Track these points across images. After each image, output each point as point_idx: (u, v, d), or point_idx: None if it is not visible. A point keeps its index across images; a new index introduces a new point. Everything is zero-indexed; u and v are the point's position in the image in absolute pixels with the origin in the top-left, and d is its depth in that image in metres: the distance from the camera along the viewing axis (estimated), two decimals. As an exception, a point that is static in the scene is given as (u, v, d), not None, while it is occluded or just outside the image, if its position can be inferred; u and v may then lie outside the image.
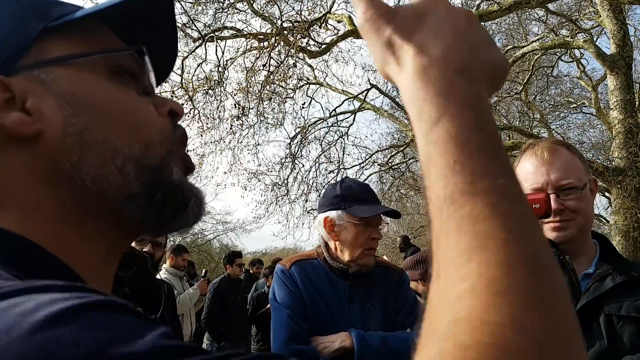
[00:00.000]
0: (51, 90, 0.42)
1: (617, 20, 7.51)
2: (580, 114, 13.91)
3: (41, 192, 0.41)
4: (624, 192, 6.91)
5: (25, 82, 0.42)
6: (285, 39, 7.42)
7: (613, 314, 1.06)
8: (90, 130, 0.42)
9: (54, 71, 0.43)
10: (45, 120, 0.41)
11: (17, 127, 0.41)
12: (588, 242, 1.19)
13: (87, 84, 0.44)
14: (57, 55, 0.44)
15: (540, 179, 1.14)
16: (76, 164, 0.41)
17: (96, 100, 0.43)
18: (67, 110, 0.42)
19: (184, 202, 0.44)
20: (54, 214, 0.41)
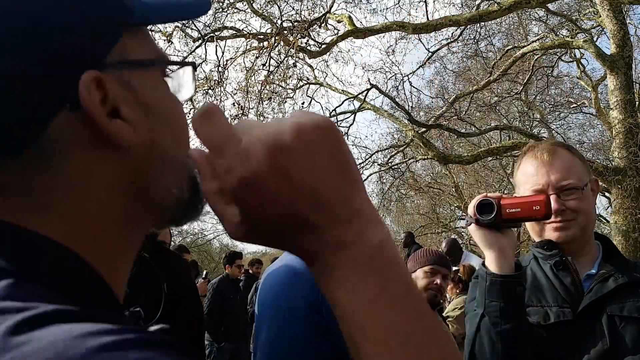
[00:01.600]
0: (139, 98, 0.39)
1: (617, 20, 7.51)
2: (580, 114, 13.93)
3: (110, 203, 0.38)
4: (624, 192, 6.91)
5: (115, 84, 0.38)
6: (285, 38, 7.42)
7: (615, 314, 1.06)
8: (169, 144, 0.41)
9: (139, 76, 0.40)
10: (138, 133, 0.39)
11: (119, 136, 0.37)
12: (590, 242, 1.19)
13: (162, 93, 0.42)
14: (142, 58, 0.41)
15: (541, 180, 1.14)
16: (156, 178, 0.40)
17: (170, 111, 0.42)
18: (153, 122, 0.40)
19: (201, 202, 0.45)
20: (111, 225, 0.39)
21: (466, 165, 10.32)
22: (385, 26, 7.95)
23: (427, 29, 7.79)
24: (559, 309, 1.09)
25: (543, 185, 1.14)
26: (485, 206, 1.04)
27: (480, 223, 1.05)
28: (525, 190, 1.17)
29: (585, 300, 1.08)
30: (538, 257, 1.20)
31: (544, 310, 1.10)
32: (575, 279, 1.13)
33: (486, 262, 1.05)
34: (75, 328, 0.27)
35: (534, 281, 1.16)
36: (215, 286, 5.04)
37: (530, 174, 1.17)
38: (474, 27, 9.91)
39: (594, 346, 1.04)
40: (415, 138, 8.63)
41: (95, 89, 0.36)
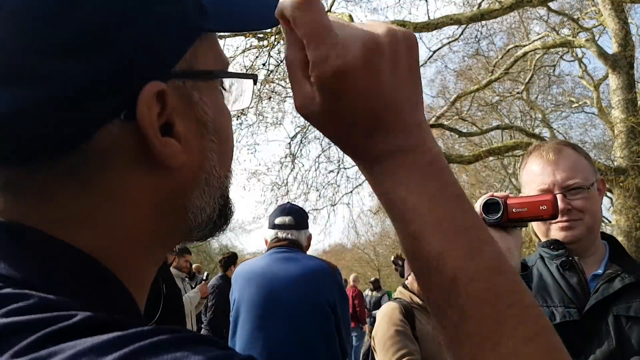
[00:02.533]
0: (197, 114, 0.36)
1: (619, 20, 7.49)
2: (582, 113, 13.93)
3: (144, 220, 0.36)
4: (626, 192, 6.89)
5: (176, 97, 0.34)
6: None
7: (622, 314, 1.05)
8: (221, 164, 0.38)
9: (201, 88, 0.36)
10: (189, 152, 0.35)
11: (169, 157, 0.34)
12: (597, 242, 1.19)
13: (221, 109, 0.38)
14: (207, 69, 0.37)
15: (547, 180, 1.14)
16: (195, 199, 0.37)
17: (225, 128, 0.38)
18: (207, 141, 0.36)
19: (228, 217, 0.42)
20: (142, 242, 0.36)
21: (467, 165, 10.31)
22: (386, 25, 7.93)
23: (428, 28, 7.77)
24: (565, 309, 1.08)
25: (549, 185, 1.13)
26: (491, 205, 1.03)
27: (487, 222, 1.03)
28: (531, 190, 1.17)
29: (591, 300, 1.08)
30: (544, 256, 1.19)
31: (550, 310, 1.09)
32: (582, 278, 1.12)
33: None
34: (105, 336, 0.25)
35: (540, 281, 1.15)
36: (217, 285, 5.03)
37: (536, 173, 1.17)
38: (475, 26, 9.91)
39: (600, 346, 1.03)
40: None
41: (155, 103, 0.33)
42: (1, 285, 0.30)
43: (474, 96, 10.66)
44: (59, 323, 0.26)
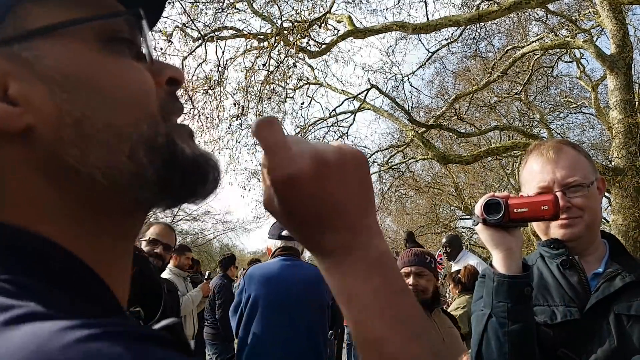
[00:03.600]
0: (38, 72, 0.35)
1: (617, 21, 7.51)
2: (580, 114, 13.95)
3: (46, 191, 0.35)
4: (624, 192, 6.91)
5: (4, 62, 0.35)
6: (285, 38, 7.42)
7: (623, 313, 1.05)
8: (90, 115, 0.35)
9: (39, 46, 0.35)
10: (35, 111, 0.34)
11: (1, 122, 0.34)
12: (597, 241, 1.19)
13: (80, 59, 0.36)
14: (42, 25, 0.36)
15: (547, 177, 1.14)
16: (79, 158, 0.35)
17: (92, 78, 0.36)
18: (60, 95, 0.35)
19: (204, 177, 0.40)
20: (64, 214, 0.36)
21: (466, 165, 10.33)
22: (385, 26, 7.94)
23: (427, 29, 7.78)
24: (566, 308, 1.09)
25: (549, 182, 1.14)
26: (492, 206, 1.03)
27: (488, 223, 1.04)
28: (531, 188, 1.17)
29: (592, 299, 1.08)
30: (544, 255, 1.19)
31: (551, 310, 1.10)
32: (582, 277, 1.12)
33: (493, 262, 1.05)
34: (54, 324, 0.25)
35: (540, 280, 1.15)
36: (221, 284, 5.05)
37: (536, 172, 1.17)
38: (474, 27, 9.92)
39: (601, 345, 1.04)
40: (415, 138, 8.62)
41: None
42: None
43: (472, 97, 10.67)
44: (9, 312, 0.26)
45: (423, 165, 15.53)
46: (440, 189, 15.71)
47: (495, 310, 1.01)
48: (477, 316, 1.07)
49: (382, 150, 12.05)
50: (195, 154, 0.40)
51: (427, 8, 9.18)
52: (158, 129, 0.38)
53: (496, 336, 1.00)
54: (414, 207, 17.85)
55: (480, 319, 1.04)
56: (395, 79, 11.32)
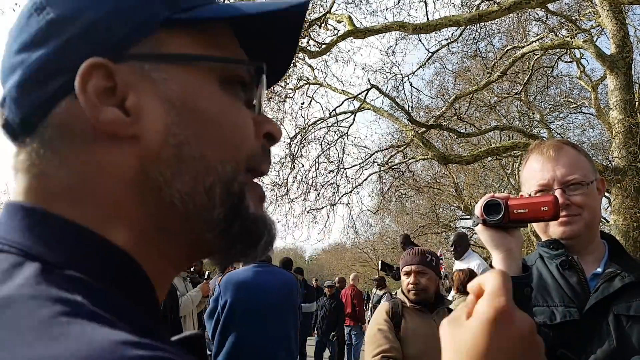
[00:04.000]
0: (160, 92, 0.38)
1: (617, 21, 7.51)
2: (580, 114, 13.95)
3: (126, 199, 0.37)
4: (624, 192, 6.91)
5: (132, 75, 0.37)
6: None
7: (622, 314, 1.06)
8: (191, 143, 0.38)
9: (167, 70, 0.38)
10: (145, 124, 0.37)
11: (110, 125, 0.36)
12: (596, 241, 1.19)
13: (200, 91, 0.39)
14: (176, 52, 0.39)
15: (547, 175, 1.15)
16: (169, 179, 0.37)
17: (205, 110, 0.39)
18: (173, 117, 0.38)
19: (258, 238, 0.41)
20: (138, 225, 0.37)
21: (466, 165, 10.33)
22: (386, 26, 7.94)
23: (427, 29, 7.78)
24: (565, 309, 1.09)
25: (549, 180, 1.14)
26: (492, 206, 1.03)
27: (488, 224, 1.05)
28: (531, 186, 1.18)
29: (591, 300, 1.08)
30: (544, 256, 1.19)
31: (550, 310, 1.10)
32: (582, 278, 1.12)
33: (493, 263, 1.05)
34: (113, 333, 0.27)
35: (539, 280, 1.16)
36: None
37: (536, 170, 1.18)
38: (474, 27, 9.92)
39: (601, 346, 1.04)
40: (415, 138, 8.63)
41: (100, 78, 0.36)
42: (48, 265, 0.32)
43: (472, 97, 10.67)
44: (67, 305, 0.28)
45: (423, 165, 15.53)
46: (440, 189, 15.71)
47: None
48: None
49: (382, 150, 12.05)
50: (258, 214, 0.42)
51: (427, 8, 9.18)
52: (238, 175, 0.40)
53: None
54: (414, 207, 17.85)
55: None
56: (395, 79, 11.28)
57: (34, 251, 0.33)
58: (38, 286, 0.29)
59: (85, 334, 0.26)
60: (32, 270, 0.31)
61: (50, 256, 0.33)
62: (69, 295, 0.29)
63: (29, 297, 0.28)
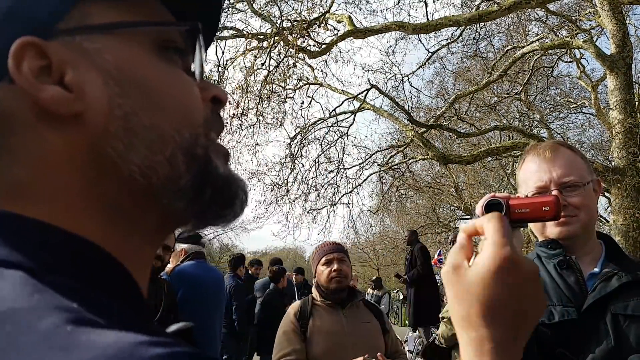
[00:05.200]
0: (95, 63, 0.36)
1: (617, 20, 7.51)
2: (580, 114, 13.94)
3: (82, 182, 0.35)
4: (624, 192, 6.91)
5: (65, 50, 0.36)
6: (284, 38, 7.42)
7: (619, 313, 1.06)
8: (138, 113, 0.36)
9: (99, 40, 0.37)
10: (88, 100, 0.35)
11: (53, 104, 0.34)
12: (592, 241, 1.20)
13: (136, 59, 0.38)
14: (105, 22, 0.38)
15: (544, 177, 1.16)
16: (122, 152, 0.36)
17: (145, 78, 0.38)
18: (113, 88, 0.36)
19: (231, 198, 0.40)
20: (98, 208, 0.36)
21: (466, 165, 10.33)
22: (385, 26, 7.95)
23: (427, 29, 7.79)
24: (563, 308, 1.09)
25: (546, 182, 1.15)
26: (493, 206, 1.03)
27: None
28: (528, 187, 1.19)
29: (589, 299, 1.09)
30: (541, 256, 1.20)
31: (548, 309, 1.10)
32: (579, 278, 1.13)
33: None
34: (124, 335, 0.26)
35: (537, 280, 1.16)
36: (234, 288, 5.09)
37: (533, 171, 1.19)
38: (474, 27, 9.92)
39: (599, 345, 1.04)
40: (415, 138, 8.63)
41: (33, 57, 0.35)
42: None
43: (472, 97, 10.67)
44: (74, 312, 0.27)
45: (423, 165, 15.54)
46: (440, 189, 15.71)
47: None
48: None
49: (382, 150, 12.05)
50: (228, 174, 0.41)
51: (427, 8, 9.19)
52: (199, 140, 0.39)
53: None
54: (414, 207, 17.85)
55: None
56: (395, 79, 11.28)
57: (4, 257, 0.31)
58: (30, 297, 0.27)
59: (97, 341, 0.25)
60: (16, 279, 0.29)
61: (25, 262, 0.30)
62: (65, 302, 0.27)
63: (26, 309, 0.26)
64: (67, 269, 0.32)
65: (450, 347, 4.15)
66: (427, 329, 6.30)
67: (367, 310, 2.28)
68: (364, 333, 2.15)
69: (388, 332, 2.25)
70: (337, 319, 2.16)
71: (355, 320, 2.18)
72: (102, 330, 0.26)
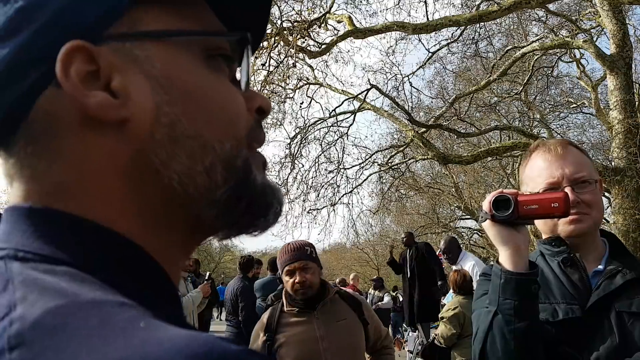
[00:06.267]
0: (144, 70, 0.36)
1: (617, 21, 7.52)
2: (580, 114, 13.95)
3: (124, 187, 0.36)
4: (624, 193, 6.91)
5: (114, 56, 0.36)
6: (284, 39, 7.42)
7: (624, 311, 1.06)
8: (183, 122, 0.36)
9: (149, 47, 0.37)
10: (134, 106, 0.35)
11: (99, 109, 0.35)
12: (597, 239, 1.19)
13: (185, 67, 0.38)
14: (156, 29, 0.38)
15: (556, 173, 1.14)
16: (165, 160, 0.36)
17: (193, 86, 0.38)
18: (160, 96, 0.36)
19: (266, 208, 0.40)
20: (138, 213, 0.36)
21: (466, 165, 10.33)
22: (386, 26, 7.94)
23: (427, 30, 7.79)
24: (567, 306, 1.09)
25: (558, 177, 1.14)
26: (501, 202, 1.03)
27: (497, 219, 1.04)
28: (537, 185, 1.17)
29: (593, 297, 1.08)
30: (545, 253, 1.20)
31: (552, 307, 1.10)
32: (583, 275, 1.12)
33: (500, 260, 1.05)
34: (197, 332, 0.26)
35: (541, 278, 1.15)
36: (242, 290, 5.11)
37: (543, 167, 1.17)
38: (474, 27, 9.92)
39: (603, 343, 1.04)
40: (415, 138, 8.63)
41: (82, 61, 0.34)
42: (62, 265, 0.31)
43: (472, 97, 10.67)
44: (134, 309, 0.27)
45: (423, 165, 15.54)
46: (440, 189, 15.71)
47: (501, 307, 1.00)
48: (481, 314, 1.07)
49: (382, 150, 12.06)
50: (265, 184, 0.40)
51: (427, 8, 9.19)
52: (240, 152, 0.39)
53: (502, 334, 1.00)
54: (414, 207, 17.85)
55: (485, 317, 1.04)
56: (395, 79, 11.27)
57: (50, 254, 0.31)
58: (93, 292, 0.28)
59: (173, 335, 0.25)
60: (71, 275, 0.29)
61: (71, 258, 0.31)
62: (125, 299, 0.28)
63: (95, 303, 0.27)
64: (112, 267, 0.32)
65: (450, 347, 4.16)
66: (427, 326, 6.31)
67: (344, 304, 2.08)
68: (339, 334, 1.97)
69: (368, 324, 2.08)
70: (308, 324, 1.98)
71: (329, 320, 2.00)
72: (168, 326, 0.26)
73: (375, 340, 2.11)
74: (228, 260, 29.55)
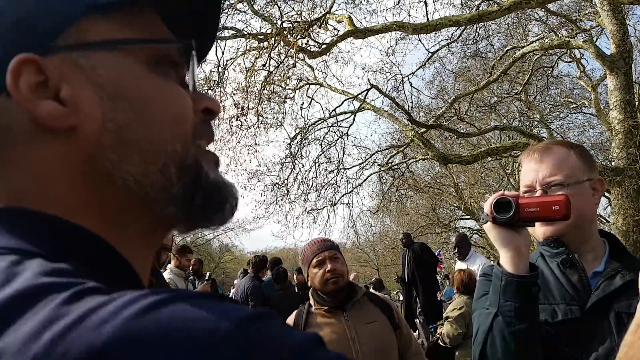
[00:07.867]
0: (90, 79, 0.38)
1: (617, 20, 7.52)
2: (580, 114, 13.96)
3: (82, 189, 0.38)
4: (623, 193, 6.91)
5: (61, 66, 0.38)
6: (285, 39, 7.42)
7: (623, 311, 1.06)
8: (131, 126, 0.38)
9: (95, 57, 0.39)
10: (82, 114, 0.37)
11: (49, 118, 0.37)
12: (595, 239, 1.19)
13: (131, 74, 0.40)
14: (101, 39, 0.39)
15: (531, 177, 1.18)
16: (116, 163, 0.38)
17: (139, 92, 0.40)
18: (107, 104, 0.38)
19: (221, 203, 0.42)
20: (97, 214, 0.38)
21: (466, 165, 10.33)
22: (385, 26, 7.95)
23: (427, 29, 7.79)
24: (567, 307, 1.09)
25: (532, 182, 1.18)
26: (502, 204, 1.03)
27: (498, 221, 1.04)
28: (522, 188, 1.21)
29: (592, 298, 1.08)
30: (545, 254, 1.20)
31: (552, 308, 1.10)
32: (583, 276, 1.13)
33: (501, 261, 1.05)
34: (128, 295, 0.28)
35: (541, 279, 1.15)
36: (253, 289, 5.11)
37: (524, 172, 1.23)
38: (474, 27, 9.93)
39: (602, 344, 1.04)
40: (415, 138, 8.63)
41: (31, 73, 0.37)
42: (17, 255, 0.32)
43: (472, 97, 10.67)
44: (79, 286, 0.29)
45: (423, 165, 15.54)
46: (440, 189, 15.71)
47: (502, 309, 1.01)
48: (482, 315, 1.07)
49: (382, 150, 12.07)
50: (218, 180, 0.43)
51: (427, 8, 9.19)
52: (189, 150, 0.41)
53: (502, 335, 1.00)
54: (414, 207, 17.86)
55: (486, 318, 1.04)
56: (395, 79, 11.28)
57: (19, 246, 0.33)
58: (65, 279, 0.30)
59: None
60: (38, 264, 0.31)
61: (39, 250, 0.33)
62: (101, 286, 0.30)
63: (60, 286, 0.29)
64: (81, 257, 0.34)
65: (454, 347, 4.15)
66: (427, 327, 6.33)
67: (372, 306, 2.01)
68: (371, 335, 1.89)
69: (399, 328, 1.99)
70: (338, 325, 1.91)
71: (359, 321, 1.92)
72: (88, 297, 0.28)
73: (406, 347, 2.01)
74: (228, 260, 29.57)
